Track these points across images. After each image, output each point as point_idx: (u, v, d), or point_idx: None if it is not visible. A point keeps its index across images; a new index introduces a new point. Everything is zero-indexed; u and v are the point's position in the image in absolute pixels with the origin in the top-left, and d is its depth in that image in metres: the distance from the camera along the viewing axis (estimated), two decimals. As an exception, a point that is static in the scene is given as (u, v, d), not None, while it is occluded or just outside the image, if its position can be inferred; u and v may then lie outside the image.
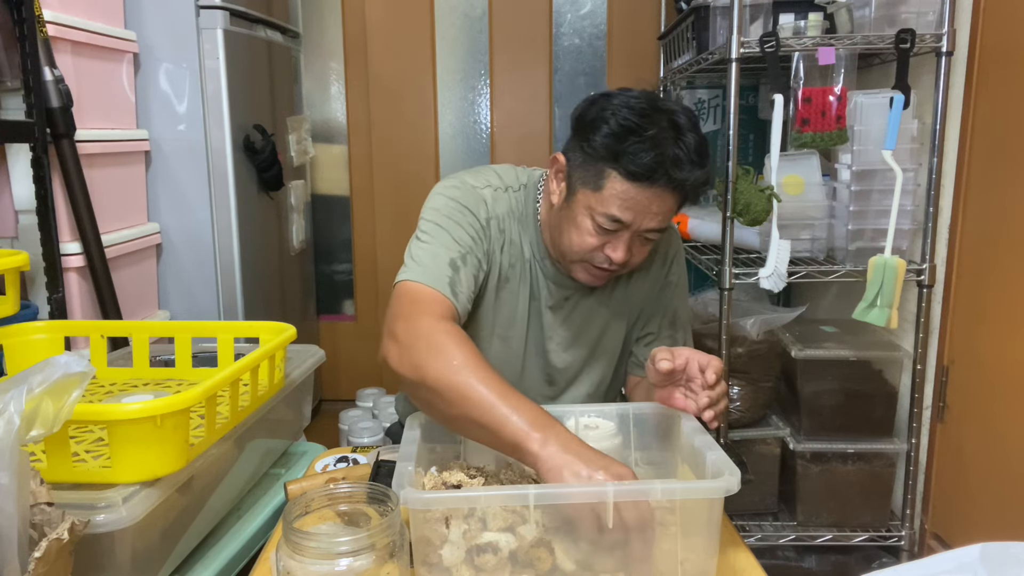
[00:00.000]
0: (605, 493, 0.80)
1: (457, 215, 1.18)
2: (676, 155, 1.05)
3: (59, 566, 0.77)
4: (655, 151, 1.05)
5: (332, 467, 1.16)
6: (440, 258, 1.13)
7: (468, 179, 1.24)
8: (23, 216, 1.74)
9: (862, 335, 1.94)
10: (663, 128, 1.06)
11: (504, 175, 1.28)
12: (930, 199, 1.78)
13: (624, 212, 1.09)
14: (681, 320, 1.33)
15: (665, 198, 1.08)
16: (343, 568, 0.72)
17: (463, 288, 1.12)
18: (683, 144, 1.06)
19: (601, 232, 1.11)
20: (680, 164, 1.06)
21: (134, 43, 2.03)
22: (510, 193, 1.25)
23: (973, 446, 1.74)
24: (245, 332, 1.38)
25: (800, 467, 1.93)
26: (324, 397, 3.07)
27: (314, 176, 3.01)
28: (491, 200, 1.22)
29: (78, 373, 0.81)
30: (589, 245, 1.13)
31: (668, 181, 1.06)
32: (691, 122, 1.09)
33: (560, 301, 1.26)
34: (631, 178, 1.06)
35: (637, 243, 1.14)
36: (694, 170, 1.07)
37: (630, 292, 1.30)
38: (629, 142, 1.05)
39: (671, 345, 1.30)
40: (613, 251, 1.12)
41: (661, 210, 1.09)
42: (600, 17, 2.90)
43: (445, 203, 1.20)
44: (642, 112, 1.07)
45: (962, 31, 1.76)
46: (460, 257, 1.14)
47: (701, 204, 2.58)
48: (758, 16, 1.82)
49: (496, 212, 1.22)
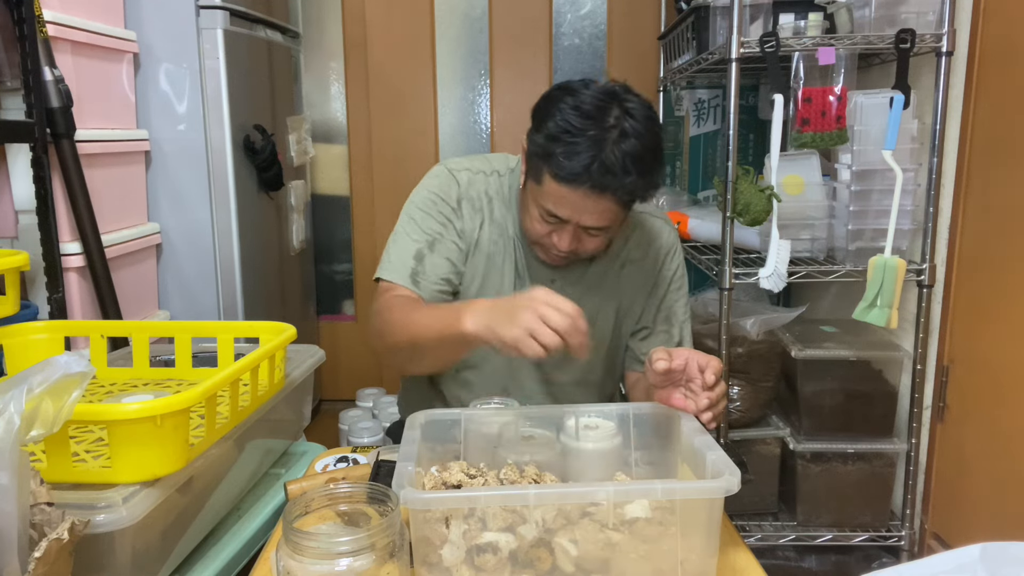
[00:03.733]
0: (605, 493, 0.80)
1: (427, 204, 1.28)
2: (606, 161, 1.06)
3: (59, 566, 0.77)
4: (587, 154, 1.06)
5: (332, 467, 1.16)
6: (406, 251, 1.25)
7: (451, 164, 1.32)
8: (23, 216, 1.74)
9: (862, 335, 1.95)
10: (605, 130, 1.07)
11: (493, 161, 1.34)
12: (930, 199, 1.78)
13: (559, 209, 1.12)
14: (677, 317, 1.35)
15: (599, 200, 1.09)
16: (343, 568, 0.72)
17: (429, 274, 1.24)
18: (618, 150, 1.06)
19: (546, 222, 1.16)
20: (610, 171, 1.06)
21: (134, 43, 2.03)
22: (495, 176, 1.31)
23: (973, 446, 1.74)
24: (245, 332, 1.38)
25: (800, 467, 1.93)
26: (324, 397, 3.07)
27: (314, 176, 3.01)
28: (465, 182, 1.30)
29: (78, 373, 0.81)
30: (538, 231, 1.18)
31: (594, 186, 1.07)
32: (643, 127, 1.08)
33: (546, 282, 1.29)
34: (559, 180, 1.09)
35: (584, 235, 1.16)
36: (625, 178, 1.06)
37: (621, 284, 1.32)
38: (561, 144, 1.07)
39: (667, 341, 1.32)
40: (559, 240, 1.17)
41: (597, 210, 1.11)
42: (600, 17, 2.90)
43: (419, 195, 1.30)
44: (588, 114, 1.08)
45: (962, 31, 1.76)
46: (427, 245, 1.25)
47: (701, 204, 2.59)
48: (758, 16, 1.82)
49: (470, 193, 1.29)
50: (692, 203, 2.57)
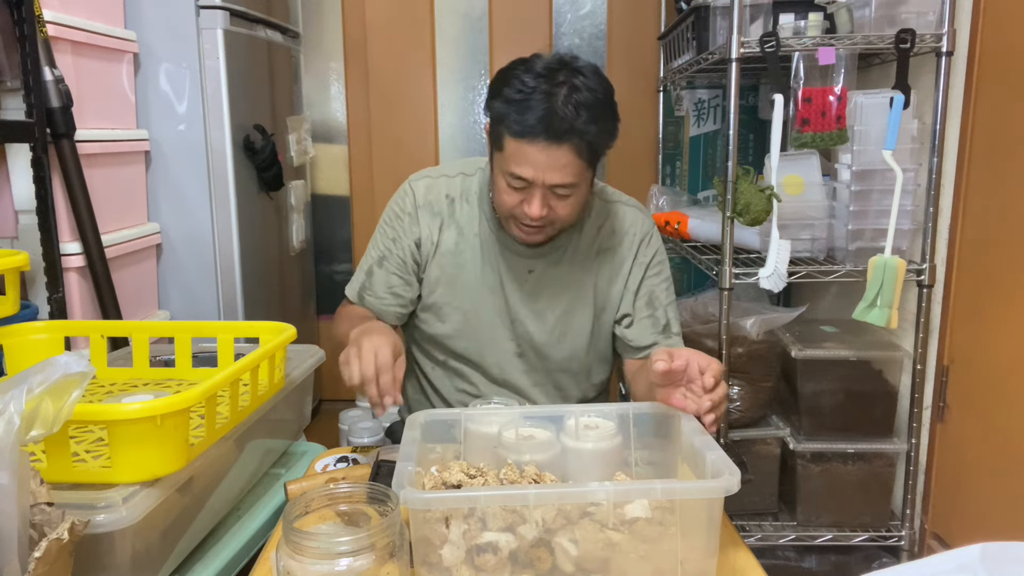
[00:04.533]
0: (605, 493, 0.80)
1: (385, 221, 1.39)
2: (559, 110, 1.10)
3: (59, 566, 0.77)
4: (540, 108, 1.10)
5: (332, 467, 1.16)
6: (361, 268, 1.40)
7: (414, 175, 1.39)
8: (23, 216, 1.74)
9: (862, 335, 1.94)
10: (555, 85, 1.12)
11: (464, 165, 1.39)
12: (930, 199, 1.78)
13: (523, 168, 1.14)
14: (660, 300, 1.36)
15: (557, 152, 1.12)
16: (343, 568, 0.72)
17: (376, 289, 1.36)
18: (571, 100, 1.11)
19: (514, 190, 1.18)
20: (564, 119, 1.10)
21: (134, 43, 2.03)
22: (460, 178, 1.36)
23: (973, 446, 1.74)
24: (245, 332, 1.38)
25: (800, 467, 1.93)
26: (324, 397, 3.07)
27: (314, 176, 3.01)
28: (422, 190, 1.36)
29: (78, 373, 0.81)
30: (508, 203, 1.21)
31: (549, 134, 1.11)
32: (593, 82, 1.13)
33: (523, 273, 1.33)
34: (517, 136, 1.13)
35: (552, 198, 1.19)
36: (577, 122, 1.11)
37: (597, 272, 1.35)
38: (516, 103, 1.12)
39: (653, 325, 1.35)
40: (528, 207, 1.18)
41: (558, 164, 1.14)
42: (600, 17, 2.90)
43: (384, 214, 1.39)
44: (538, 74, 1.13)
45: (962, 31, 1.75)
46: (377, 261, 1.37)
47: (701, 204, 2.59)
48: (758, 16, 1.82)
49: (428, 198, 1.35)
50: (692, 203, 2.57)
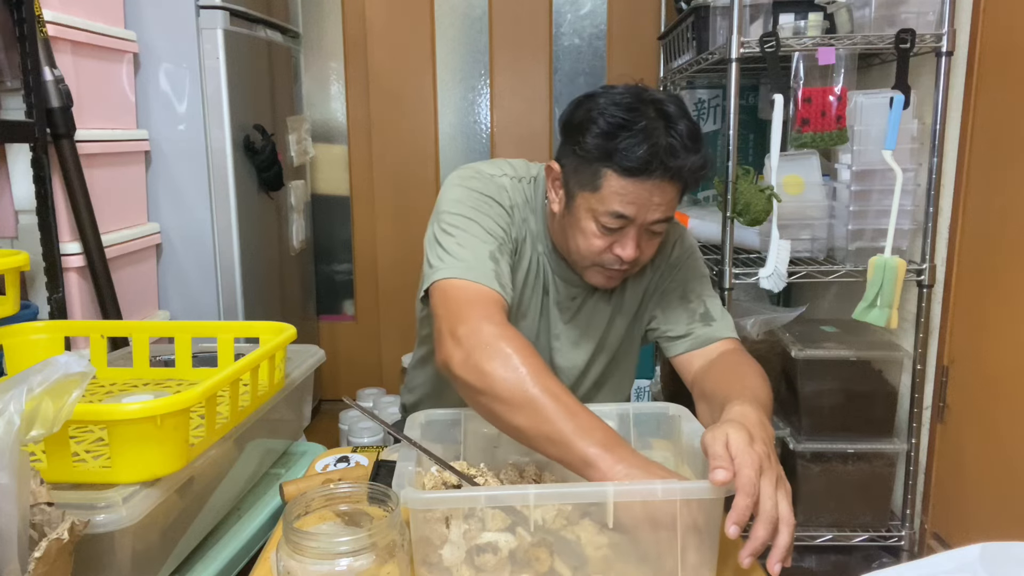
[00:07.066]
0: (605, 493, 0.80)
1: (483, 206, 1.17)
2: (669, 144, 1.05)
3: (59, 566, 0.77)
4: (648, 143, 1.04)
5: (332, 467, 1.16)
6: (479, 251, 1.11)
7: (484, 168, 1.24)
8: (23, 216, 1.74)
9: (862, 335, 1.94)
10: (652, 119, 1.06)
11: (517, 166, 1.28)
12: (930, 199, 1.78)
13: (626, 207, 1.08)
14: (695, 291, 1.29)
15: (664, 188, 1.08)
16: (343, 568, 0.72)
17: (506, 280, 1.11)
18: (675, 132, 1.06)
19: (607, 232, 1.11)
20: (675, 152, 1.05)
21: (134, 43, 2.03)
22: (524, 183, 1.25)
23: (973, 446, 1.74)
24: (245, 332, 1.38)
25: (800, 467, 1.93)
26: (324, 397, 3.07)
27: (314, 176, 3.01)
28: (511, 188, 1.22)
29: (78, 373, 0.81)
30: (597, 247, 1.12)
31: (665, 171, 1.06)
32: (680, 110, 1.09)
33: (567, 300, 1.26)
34: (627, 174, 1.06)
35: (645, 237, 1.13)
36: (689, 156, 1.06)
37: (638, 288, 1.29)
38: (620, 138, 1.05)
39: (689, 316, 1.25)
40: (622, 249, 1.11)
41: (663, 201, 1.09)
42: (600, 17, 2.90)
43: (467, 194, 1.18)
44: (628, 107, 1.07)
45: (962, 31, 1.75)
46: (497, 248, 1.13)
47: (701, 204, 2.59)
48: (758, 16, 1.82)
49: (516, 200, 1.22)
50: (692, 203, 2.57)
